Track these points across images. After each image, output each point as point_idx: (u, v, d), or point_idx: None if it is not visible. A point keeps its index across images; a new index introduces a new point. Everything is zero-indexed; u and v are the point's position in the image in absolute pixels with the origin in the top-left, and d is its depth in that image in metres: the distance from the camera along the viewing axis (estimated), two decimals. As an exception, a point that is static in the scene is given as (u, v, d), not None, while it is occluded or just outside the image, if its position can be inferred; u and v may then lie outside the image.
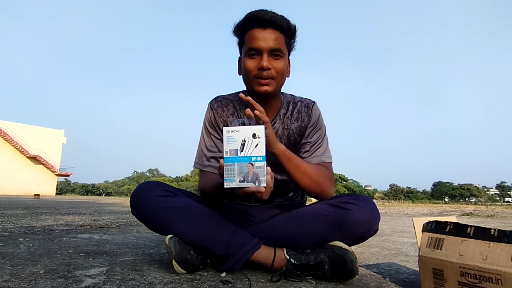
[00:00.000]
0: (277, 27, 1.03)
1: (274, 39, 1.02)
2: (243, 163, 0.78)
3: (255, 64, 1.03)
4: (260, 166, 0.77)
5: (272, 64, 1.03)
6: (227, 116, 1.18)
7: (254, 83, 1.06)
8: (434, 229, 0.85)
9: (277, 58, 1.04)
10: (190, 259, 0.98)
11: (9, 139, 30.37)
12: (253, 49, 1.03)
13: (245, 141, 0.78)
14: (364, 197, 1.05)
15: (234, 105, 1.19)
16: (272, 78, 1.04)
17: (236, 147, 0.79)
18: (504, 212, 8.23)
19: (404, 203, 24.48)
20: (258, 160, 0.78)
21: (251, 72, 1.04)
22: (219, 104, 1.19)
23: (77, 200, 12.76)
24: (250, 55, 1.04)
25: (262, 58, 1.02)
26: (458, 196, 60.39)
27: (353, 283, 0.97)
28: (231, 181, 0.78)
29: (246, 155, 0.78)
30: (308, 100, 1.21)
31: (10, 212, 4.00)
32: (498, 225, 3.76)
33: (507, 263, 0.70)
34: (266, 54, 1.02)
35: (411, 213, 7.12)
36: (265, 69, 1.02)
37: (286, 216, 1.09)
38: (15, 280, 0.90)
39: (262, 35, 1.02)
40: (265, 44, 1.02)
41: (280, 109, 1.18)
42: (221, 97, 1.21)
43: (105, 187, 66.78)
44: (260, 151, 0.78)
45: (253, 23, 1.03)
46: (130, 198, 1.07)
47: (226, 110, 1.18)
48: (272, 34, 1.02)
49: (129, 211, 4.96)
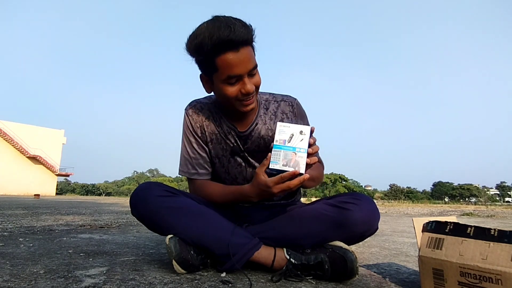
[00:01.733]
0: (247, 42, 0.96)
1: (249, 59, 0.96)
2: (288, 151, 0.91)
3: (237, 90, 0.99)
4: (302, 156, 0.90)
5: (252, 82, 1.00)
6: (203, 121, 1.16)
7: (237, 105, 1.03)
8: (434, 229, 0.85)
9: (254, 73, 1.01)
10: (190, 259, 0.98)
11: (9, 139, 30.38)
12: (233, 77, 0.97)
13: (293, 134, 0.92)
14: (364, 196, 1.05)
15: (209, 108, 1.17)
16: (254, 95, 1.03)
17: (285, 138, 0.92)
18: (504, 212, 8.22)
19: (404, 203, 24.49)
20: (301, 151, 0.90)
21: (233, 98, 1.01)
22: (193, 110, 1.17)
23: (77, 200, 12.76)
24: (229, 83, 0.98)
25: (243, 82, 0.98)
26: (458, 196, 60.42)
27: (353, 283, 0.97)
28: (276, 163, 0.91)
29: (292, 146, 0.91)
30: (290, 98, 1.20)
31: (10, 212, 4.00)
32: (498, 225, 3.76)
33: (507, 263, 0.70)
34: (247, 77, 0.98)
35: (411, 213, 7.12)
36: (250, 93, 1.00)
37: (286, 216, 1.09)
38: (15, 280, 0.90)
39: (238, 58, 0.94)
40: (244, 69, 0.96)
41: (258, 110, 1.17)
42: (195, 102, 1.19)
43: (105, 187, 66.81)
44: (303, 145, 0.90)
45: (224, 47, 0.93)
46: (130, 198, 1.07)
47: (201, 114, 1.16)
48: (246, 54, 0.95)
49: (129, 211, 4.94)
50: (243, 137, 1.15)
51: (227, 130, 1.15)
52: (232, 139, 1.15)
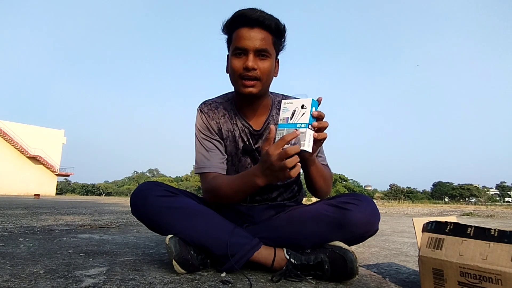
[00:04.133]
0: (265, 26, 1.02)
1: (260, 39, 1.01)
2: (290, 129, 0.88)
3: (241, 64, 1.02)
4: (303, 132, 0.86)
5: (257, 64, 1.02)
6: (219, 118, 1.16)
7: (239, 84, 1.05)
8: (434, 229, 0.85)
9: (263, 58, 1.03)
10: (190, 259, 0.98)
11: (9, 139, 30.36)
12: (239, 49, 1.02)
13: (295, 110, 0.89)
14: (364, 197, 1.05)
15: (224, 106, 1.18)
16: (257, 79, 1.03)
17: (288, 116, 0.90)
18: (504, 212, 8.22)
19: (404, 203, 24.48)
20: (302, 126, 0.86)
21: (236, 71, 1.03)
22: (209, 108, 1.17)
23: (77, 200, 12.76)
24: (236, 54, 1.03)
25: (247, 58, 1.01)
26: (458, 196, 60.39)
27: (353, 283, 0.97)
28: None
29: (293, 122, 0.88)
30: None
31: (10, 212, 4.00)
32: (498, 225, 3.76)
33: (507, 263, 0.70)
34: (252, 54, 1.01)
35: (411, 213, 7.12)
36: (250, 69, 1.01)
37: (286, 216, 1.09)
38: (15, 280, 0.90)
39: (249, 34, 1.01)
40: (251, 44, 1.00)
41: (271, 110, 1.17)
42: (210, 101, 1.20)
43: (105, 187, 66.80)
44: (304, 119, 0.87)
45: (241, 22, 1.02)
46: (130, 198, 1.07)
47: (217, 112, 1.17)
48: (259, 34, 1.01)
49: (129, 211, 4.96)
50: (255, 136, 1.16)
51: (242, 128, 1.15)
52: (245, 138, 1.16)
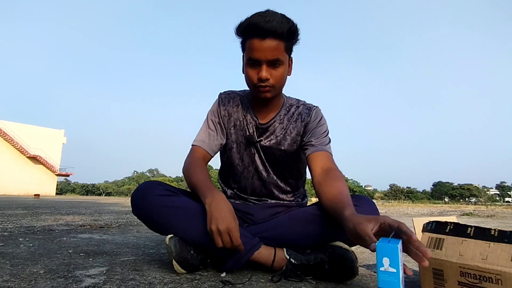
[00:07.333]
0: (277, 35, 1.02)
1: (272, 50, 1.02)
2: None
3: (255, 74, 1.06)
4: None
5: (271, 74, 1.06)
6: (232, 107, 1.23)
7: (255, 91, 1.11)
8: (434, 229, 0.85)
9: (276, 67, 1.06)
10: (190, 259, 0.98)
11: (9, 139, 30.36)
12: (252, 59, 1.04)
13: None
14: (364, 197, 1.05)
15: (240, 98, 1.25)
16: (272, 86, 1.08)
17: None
18: (504, 212, 8.22)
19: (404, 203, 24.47)
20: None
21: (252, 81, 1.08)
22: (226, 96, 1.26)
23: (77, 200, 12.76)
24: (250, 65, 1.06)
25: (261, 69, 1.04)
26: (458, 196, 60.42)
27: (353, 283, 0.97)
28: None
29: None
30: (311, 104, 1.24)
31: (10, 212, 4.00)
32: (498, 225, 3.76)
33: (507, 263, 0.70)
34: (265, 64, 1.04)
35: (411, 213, 7.12)
36: (264, 80, 1.05)
37: (286, 216, 1.09)
38: (15, 280, 0.90)
39: (261, 45, 1.01)
40: (263, 56, 1.02)
41: (280, 110, 1.21)
42: (230, 91, 1.28)
43: (105, 187, 66.82)
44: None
45: (252, 32, 1.02)
46: (131, 198, 1.08)
47: (232, 102, 1.24)
48: (271, 44, 1.01)
49: (129, 211, 4.96)
50: (260, 129, 1.20)
51: (249, 120, 1.21)
52: (251, 129, 1.21)
